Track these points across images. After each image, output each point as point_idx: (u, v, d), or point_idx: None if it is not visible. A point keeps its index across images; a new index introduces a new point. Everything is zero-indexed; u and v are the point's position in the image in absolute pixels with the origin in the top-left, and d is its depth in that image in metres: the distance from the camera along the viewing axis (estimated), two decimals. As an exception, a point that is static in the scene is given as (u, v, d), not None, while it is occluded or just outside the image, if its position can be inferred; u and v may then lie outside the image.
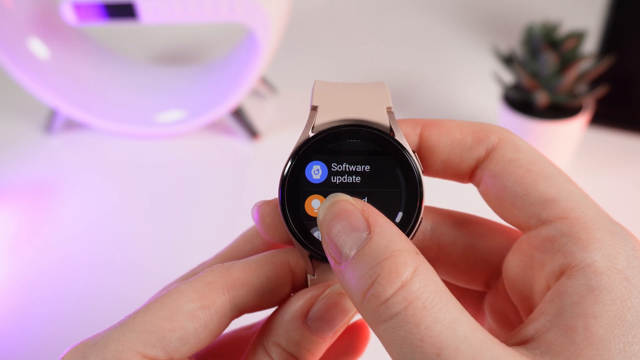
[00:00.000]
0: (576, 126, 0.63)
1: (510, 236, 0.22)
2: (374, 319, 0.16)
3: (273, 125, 0.80)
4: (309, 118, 0.21)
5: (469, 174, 0.22)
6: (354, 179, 0.20)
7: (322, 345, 0.21)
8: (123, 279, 0.56)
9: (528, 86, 0.62)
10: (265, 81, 0.85)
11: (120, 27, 0.96)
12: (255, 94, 0.86)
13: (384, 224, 0.18)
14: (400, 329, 0.16)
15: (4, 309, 0.53)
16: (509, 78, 0.75)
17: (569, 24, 0.77)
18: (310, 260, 0.21)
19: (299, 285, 0.22)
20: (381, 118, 0.21)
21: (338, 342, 0.24)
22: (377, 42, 1.04)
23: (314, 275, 0.21)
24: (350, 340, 0.24)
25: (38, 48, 0.75)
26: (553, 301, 0.17)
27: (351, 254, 0.17)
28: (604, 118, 0.73)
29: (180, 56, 1.01)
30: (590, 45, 0.82)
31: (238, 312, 0.21)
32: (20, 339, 0.50)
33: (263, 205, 0.21)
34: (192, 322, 0.19)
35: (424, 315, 0.16)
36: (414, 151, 0.21)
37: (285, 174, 0.21)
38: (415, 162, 0.20)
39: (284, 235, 0.21)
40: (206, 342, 0.20)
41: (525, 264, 0.19)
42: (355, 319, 0.25)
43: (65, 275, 0.57)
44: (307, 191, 0.21)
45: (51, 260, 0.59)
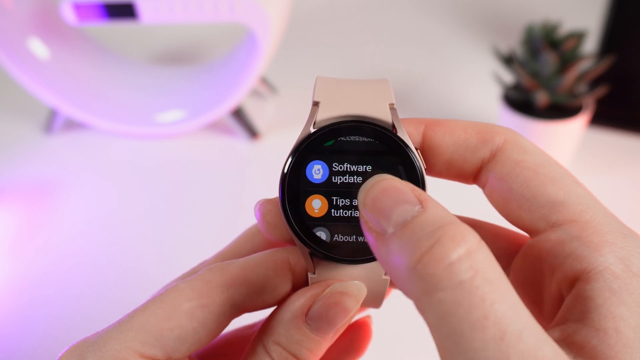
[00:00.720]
0: (576, 126, 0.63)
1: (516, 241, 0.22)
2: (429, 287, 0.14)
3: (273, 125, 0.80)
4: (310, 113, 0.21)
5: (473, 175, 0.21)
6: (355, 179, 0.20)
7: (323, 344, 0.20)
8: (123, 279, 0.56)
9: (528, 86, 0.62)
10: (265, 81, 0.85)
11: (120, 27, 0.96)
12: (255, 94, 0.86)
13: (435, 201, 0.16)
14: (462, 301, 0.14)
15: (4, 309, 0.53)
16: (509, 78, 0.75)
17: (569, 24, 0.77)
18: (311, 258, 0.21)
19: (300, 284, 0.21)
20: (383, 114, 0.20)
21: (340, 341, 0.24)
22: (377, 42, 1.04)
23: (315, 274, 0.21)
24: (352, 339, 0.24)
25: (38, 48, 0.75)
26: (575, 306, 0.17)
27: (399, 224, 0.15)
28: (604, 118, 0.73)
29: (180, 56, 1.01)
30: (590, 45, 0.82)
31: (237, 311, 0.20)
32: (20, 339, 0.50)
33: (265, 204, 0.21)
34: (191, 321, 0.19)
35: (491, 291, 0.14)
36: (417, 148, 0.21)
37: (285, 171, 0.20)
38: (418, 160, 0.20)
39: (285, 233, 0.21)
40: (205, 342, 0.20)
41: (533, 267, 0.19)
42: (356, 318, 0.25)
43: (65, 275, 0.57)
44: (308, 191, 0.20)
45: (51, 260, 0.59)
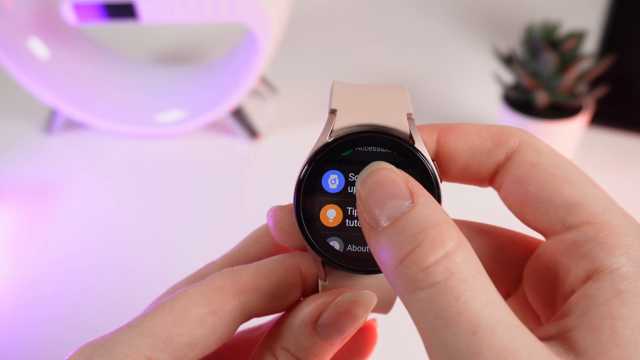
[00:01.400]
0: (576, 126, 0.63)
1: (530, 246, 0.22)
2: (409, 286, 0.16)
3: (273, 125, 0.80)
4: (327, 122, 0.20)
5: (488, 179, 0.21)
6: None
7: (330, 351, 0.20)
8: (123, 279, 0.56)
9: (528, 86, 0.62)
10: (265, 81, 0.85)
11: (120, 27, 0.96)
12: (255, 94, 0.86)
13: (426, 195, 0.17)
14: (437, 300, 0.15)
15: (4, 309, 0.53)
16: (509, 78, 0.75)
17: (569, 24, 0.77)
18: (323, 267, 0.21)
19: (310, 291, 0.21)
20: (401, 125, 0.20)
21: (345, 344, 0.24)
22: (377, 42, 1.04)
23: (326, 281, 0.21)
24: (358, 342, 0.24)
25: (38, 48, 0.75)
26: (578, 303, 0.17)
27: (390, 220, 0.17)
28: (604, 118, 0.73)
29: (180, 56, 1.01)
30: (590, 45, 0.82)
31: (247, 317, 0.20)
32: (20, 339, 0.50)
33: (277, 210, 0.21)
34: (201, 328, 0.19)
35: (464, 290, 0.15)
36: (433, 160, 0.20)
37: (301, 178, 0.20)
38: (435, 172, 0.20)
39: (297, 240, 0.21)
40: (214, 347, 0.20)
41: (549, 269, 0.19)
42: None
43: (65, 275, 0.57)
44: (324, 200, 0.20)
45: (51, 260, 0.59)
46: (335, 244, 0.20)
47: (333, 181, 0.20)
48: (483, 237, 0.22)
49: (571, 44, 0.61)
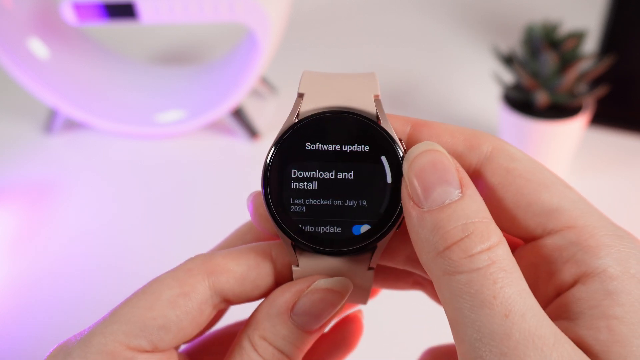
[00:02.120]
0: (576, 126, 0.63)
1: (510, 243, 0.22)
2: (450, 269, 0.17)
3: (273, 125, 0.80)
4: (294, 105, 0.21)
5: None
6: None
7: (309, 339, 0.20)
8: (123, 279, 0.56)
9: (528, 86, 0.62)
10: (265, 81, 0.85)
11: (120, 27, 0.96)
12: (255, 94, 0.86)
13: (474, 189, 0.18)
14: (477, 282, 0.16)
15: (3, 309, 0.53)
16: (509, 78, 0.75)
17: (569, 24, 0.77)
18: (295, 250, 0.21)
19: (283, 279, 0.21)
20: (367, 105, 0.20)
21: (331, 336, 0.24)
22: (377, 42, 1.04)
23: (298, 266, 0.21)
24: (343, 334, 0.24)
25: (38, 48, 0.75)
26: (569, 306, 0.17)
27: (437, 204, 0.17)
28: (604, 118, 0.73)
29: (180, 56, 1.01)
30: (590, 45, 0.82)
31: (220, 301, 0.21)
32: (20, 339, 0.50)
33: (257, 196, 0.21)
34: (174, 310, 0.19)
35: (502, 276, 0.16)
36: (401, 139, 0.20)
37: (268, 162, 0.20)
38: (402, 150, 0.20)
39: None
40: (191, 331, 0.20)
41: (529, 274, 0.19)
42: (347, 313, 0.25)
43: (65, 275, 0.57)
44: (292, 181, 0.20)
45: (51, 260, 0.59)
46: (306, 226, 0.20)
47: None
48: None
49: (571, 44, 0.61)
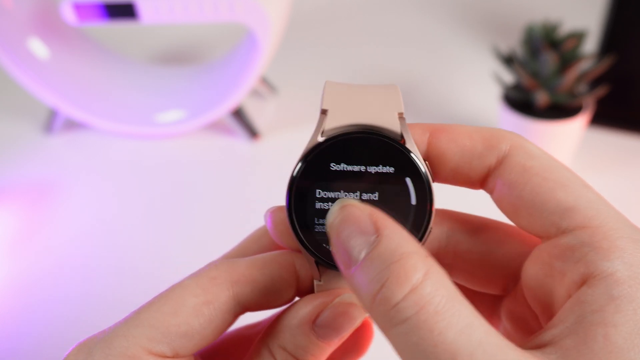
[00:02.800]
0: (576, 126, 0.63)
1: (528, 242, 0.21)
2: (384, 324, 0.16)
3: (273, 125, 0.80)
4: (318, 122, 0.21)
5: (479, 181, 0.21)
6: None
7: (327, 350, 0.21)
8: (123, 279, 0.56)
9: (528, 86, 0.62)
10: (265, 81, 0.85)
11: (120, 27, 0.96)
12: (255, 94, 0.86)
13: (392, 227, 0.17)
14: (412, 335, 0.15)
15: (4, 309, 0.53)
16: (509, 78, 0.75)
17: (569, 24, 0.77)
18: (317, 267, 0.21)
19: (304, 290, 0.22)
20: (392, 124, 0.20)
21: (342, 341, 0.25)
22: (377, 42, 1.04)
23: (321, 281, 0.21)
24: (354, 339, 0.24)
25: (38, 48, 0.75)
26: (572, 309, 0.17)
27: (360, 258, 0.17)
28: (604, 118, 0.73)
29: (180, 56, 1.01)
30: (590, 45, 0.82)
31: (242, 309, 0.21)
32: (20, 339, 0.50)
33: (276, 212, 0.21)
34: (197, 318, 0.19)
35: (437, 321, 0.15)
36: (425, 159, 0.21)
37: (294, 178, 0.20)
38: (426, 171, 0.20)
39: (296, 242, 0.21)
40: (211, 339, 0.20)
41: (545, 272, 0.19)
42: None
43: (66, 275, 0.57)
44: (316, 200, 0.20)
45: (51, 260, 0.59)
46: (328, 245, 0.20)
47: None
48: (480, 233, 0.22)
49: (571, 44, 0.61)
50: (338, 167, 0.20)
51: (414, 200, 0.20)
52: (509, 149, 0.20)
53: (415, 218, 0.20)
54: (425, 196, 0.20)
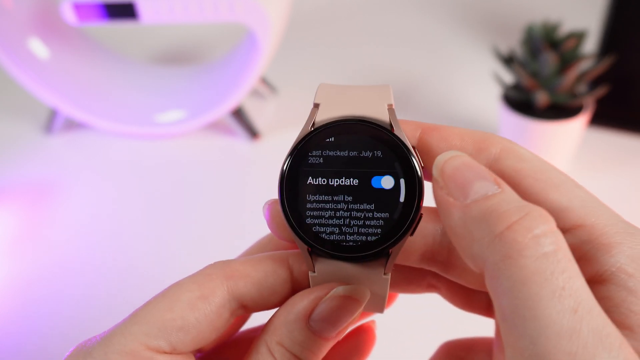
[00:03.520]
0: (576, 126, 0.63)
1: None
2: (512, 252, 0.15)
3: (273, 125, 0.80)
4: (310, 115, 0.21)
5: None
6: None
7: (325, 345, 0.21)
8: (123, 279, 0.56)
9: (528, 86, 0.62)
10: (265, 81, 0.85)
11: (120, 27, 0.96)
12: (255, 94, 0.86)
13: (509, 187, 0.17)
14: (545, 269, 0.15)
15: (4, 309, 0.53)
16: (509, 78, 0.75)
17: (569, 24, 0.77)
18: (310, 257, 0.21)
19: (300, 288, 0.22)
20: (381, 114, 0.21)
21: (344, 345, 0.24)
22: (377, 42, 1.04)
23: (315, 272, 0.21)
24: (356, 343, 0.24)
25: (38, 48, 0.75)
26: None
27: (480, 195, 0.17)
28: (604, 118, 0.73)
29: (180, 56, 1.01)
30: (590, 45, 0.82)
31: (238, 306, 0.21)
32: (21, 339, 0.50)
33: (274, 204, 0.22)
34: (192, 312, 0.20)
35: (570, 266, 0.15)
36: (414, 147, 0.21)
37: (284, 169, 0.21)
38: (415, 157, 0.20)
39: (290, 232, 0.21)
40: (209, 336, 0.20)
41: None
42: (361, 323, 0.25)
43: (66, 275, 0.57)
44: (308, 189, 0.21)
45: (51, 260, 0.59)
46: (322, 233, 0.21)
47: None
48: None
49: (571, 44, 0.61)
50: (328, 154, 0.21)
51: (402, 185, 0.20)
52: (499, 152, 0.20)
53: (405, 202, 0.20)
54: (414, 180, 0.20)
